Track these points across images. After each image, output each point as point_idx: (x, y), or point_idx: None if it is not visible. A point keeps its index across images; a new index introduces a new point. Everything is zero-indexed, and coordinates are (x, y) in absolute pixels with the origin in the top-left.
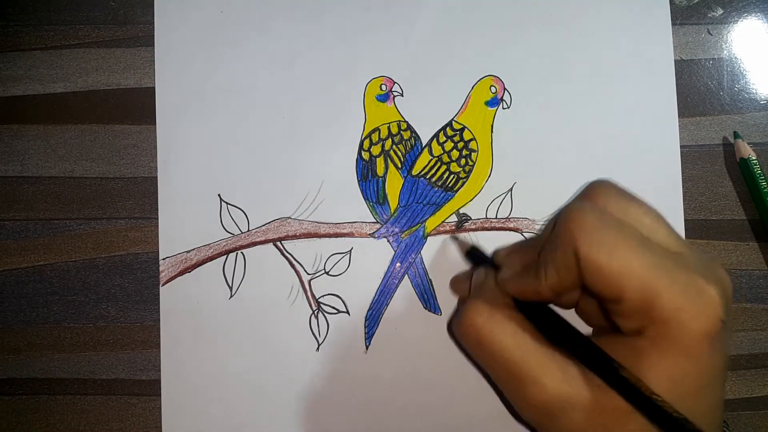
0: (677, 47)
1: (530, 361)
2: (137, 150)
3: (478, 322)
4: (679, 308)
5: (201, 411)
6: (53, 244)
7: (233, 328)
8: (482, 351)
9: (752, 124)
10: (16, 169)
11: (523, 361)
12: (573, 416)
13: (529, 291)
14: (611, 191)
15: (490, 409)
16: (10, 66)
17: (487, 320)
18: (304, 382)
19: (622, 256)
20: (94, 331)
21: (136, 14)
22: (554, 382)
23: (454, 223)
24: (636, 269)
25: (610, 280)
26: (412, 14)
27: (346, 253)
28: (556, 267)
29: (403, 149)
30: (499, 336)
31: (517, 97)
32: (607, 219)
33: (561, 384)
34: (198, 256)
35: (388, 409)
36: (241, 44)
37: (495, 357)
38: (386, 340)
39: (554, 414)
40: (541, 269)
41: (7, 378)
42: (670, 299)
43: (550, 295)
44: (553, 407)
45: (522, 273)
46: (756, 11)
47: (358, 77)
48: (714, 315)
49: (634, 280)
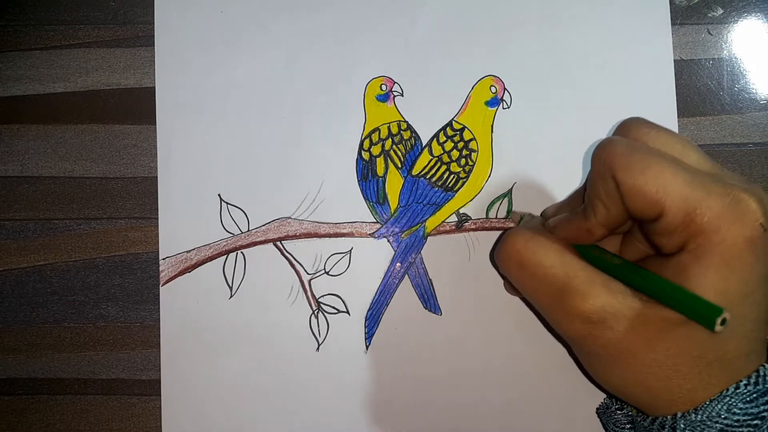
0: (677, 47)
1: (575, 275)
2: (137, 150)
3: (519, 243)
4: (718, 217)
5: (201, 411)
6: (53, 244)
7: (233, 328)
8: (524, 271)
9: (752, 124)
10: (16, 169)
11: (567, 276)
12: (615, 326)
13: (580, 231)
14: (640, 124)
15: (490, 409)
16: (10, 66)
17: (528, 241)
18: (304, 382)
19: (657, 174)
20: (94, 331)
21: (136, 14)
22: (598, 294)
23: (454, 223)
24: (672, 184)
25: (649, 197)
26: (412, 14)
27: (346, 253)
28: (601, 199)
29: (403, 149)
30: (542, 255)
31: (517, 97)
32: (636, 144)
33: (604, 295)
34: (198, 256)
35: (388, 409)
36: (241, 44)
37: (537, 276)
38: (386, 340)
39: (596, 325)
40: (588, 208)
41: (7, 378)
42: (709, 209)
43: (601, 231)
44: (596, 318)
45: (570, 217)
46: (756, 11)
47: (358, 77)
48: (754, 221)
49: (672, 194)
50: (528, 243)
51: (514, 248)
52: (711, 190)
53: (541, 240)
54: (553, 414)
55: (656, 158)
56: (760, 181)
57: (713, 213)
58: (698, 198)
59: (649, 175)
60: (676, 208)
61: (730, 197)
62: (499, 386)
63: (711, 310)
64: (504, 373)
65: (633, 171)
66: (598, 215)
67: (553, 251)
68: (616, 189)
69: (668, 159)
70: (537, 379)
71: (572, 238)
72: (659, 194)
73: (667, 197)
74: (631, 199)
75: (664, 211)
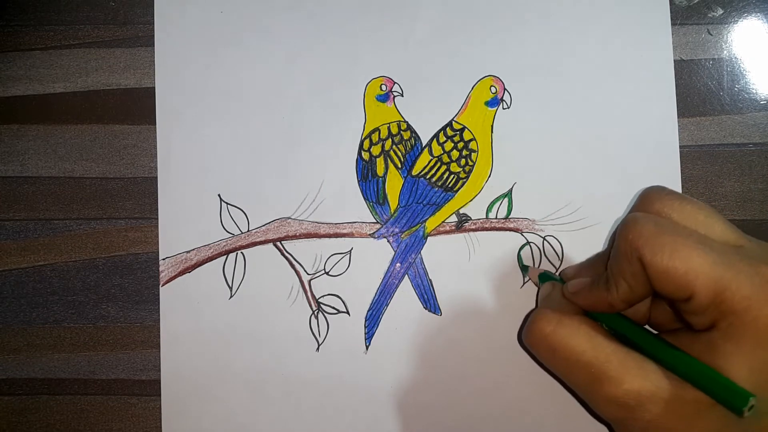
0: (677, 47)
1: (607, 360)
2: (137, 150)
3: (547, 329)
4: (749, 297)
5: (201, 411)
6: (53, 244)
7: (233, 328)
8: (555, 357)
9: (752, 124)
10: (16, 169)
11: (598, 361)
12: (652, 409)
13: (601, 303)
14: (663, 195)
15: (490, 409)
16: (10, 66)
17: (556, 327)
18: (304, 382)
19: (686, 257)
20: (94, 331)
21: (136, 14)
22: (633, 378)
23: (454, 223)
24: (701, 266)
25: (678, 281)
26: (412, 14)
27: (346, 253)
28: (625, 278)
29: (403, 149)
30: (571, 341)
31: (517, 97)
32: (663, 223)
33: (639, 379)
34: (198, 256)
35: (388, 410)
36: (241, 44)
37: (569, 361)
38: (386, 340)
39: (633, 409)
40: (611, 281)
41: (7, 378)
42: (739, 290)
43: (623, 306)
44: (632, 402)
45: (591, 286)
46: (756, 11)
47: (358, 77)
48: None
49: (701, 277)
50: (557, 328)
51: (542, 333)
52: (740, 270)
53: (569, 324)
54: (552, 414)
55: (684, 239)
56: (760, 181)
57: (743, 294)
58: (727, 279)
59: (678, 258)
60: (706, 289)
61: (759, 276)
62: (498, 386)
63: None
64: (504, 373)
65: (662, 254)
66: (621, 292)
67: (582, 336)
68: (642, 269)
69: (695, 238)
70: (537, 378)
71: (592, 307)
72: (688, 277)
73: (697, 280)
74: (659, 282)
75: (694, 294)
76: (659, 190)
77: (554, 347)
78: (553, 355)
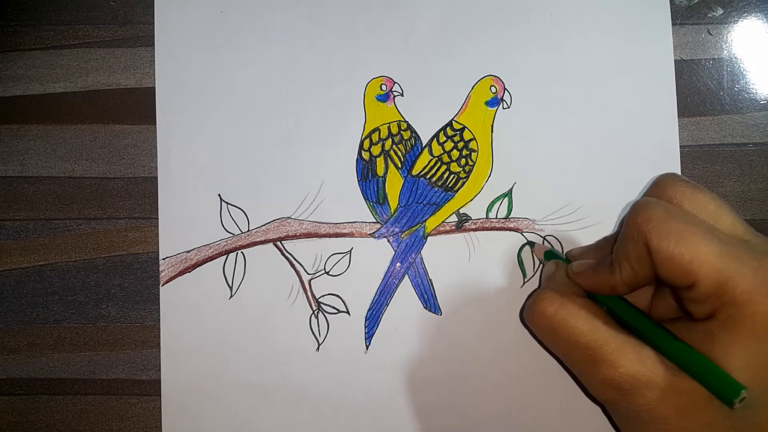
0: (677, 47)
1: (604, 344)
2: (137, 150)
3: (549, 310)
4: (751, 290)
5: (201, 411)
6: (53, 244)
7: (233, 328)
8: (555, 337)
9: (752, 124)
10: (16, 169)
11: (596, 344)
12: (647, 394)
13: (603, 285)
14: (676, 182)
15: (490, 409)
16: (10, 66)
17: (558, 308)
18: (304, 382)
19: (692, 245)
20: (94, 331)
21: (136, 14)
22: (629, 362)
23: (455, 223)
24: (706, 255)
25: (682, 268)
26: (412, 14)
27: (346, 253)
28: (630, 261)
29: (403, 149)
30: (572, 322)
31: (517, 97)
32: (673, 210)
33: (635, 363)
34: (198, 256)
35: (388, 409)
36: (241, 44)
37: (568, 342)
38: (386, 340)
39: (627, 392)
40: (615, 264)
41: (7, 378)
42: (742, 282)
43: (625, 290)
44: (627, 386)
45: (596, 268)
46: (756, 11)
47: (358, 77)
48: None
49: (705, 266)
50: (558, 309)
51: (544, 314)
52: (744, 262)
53: (570, 306)
54: (552, 414)
55: (691, 227)
56: (760, 181)
57: (746, 286)
58: (732, 270)
59: (684, 245)
60: (709, 279)
61: (762, 270)
62: (499, 386)
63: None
64: (504, 373)
65: (668, 240)
66: (624, 274)
67: (583, 318)
68: (647, 254)
69: (703, 227)
70: (537, 378)
71: (594, 289)
72: (693, 265)
73: (701, 269)
74: (663, 267)
75: (697, 282)
76: (673, 177)
77: (555, 328)
78: (554, 335)
